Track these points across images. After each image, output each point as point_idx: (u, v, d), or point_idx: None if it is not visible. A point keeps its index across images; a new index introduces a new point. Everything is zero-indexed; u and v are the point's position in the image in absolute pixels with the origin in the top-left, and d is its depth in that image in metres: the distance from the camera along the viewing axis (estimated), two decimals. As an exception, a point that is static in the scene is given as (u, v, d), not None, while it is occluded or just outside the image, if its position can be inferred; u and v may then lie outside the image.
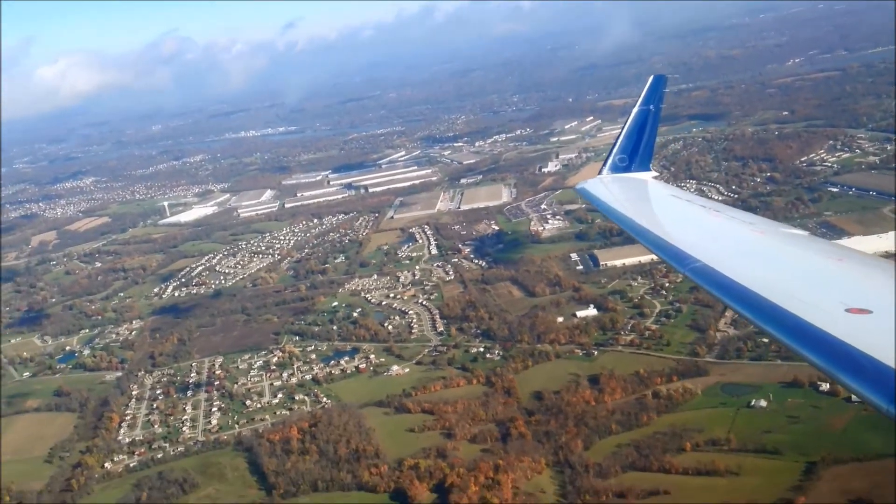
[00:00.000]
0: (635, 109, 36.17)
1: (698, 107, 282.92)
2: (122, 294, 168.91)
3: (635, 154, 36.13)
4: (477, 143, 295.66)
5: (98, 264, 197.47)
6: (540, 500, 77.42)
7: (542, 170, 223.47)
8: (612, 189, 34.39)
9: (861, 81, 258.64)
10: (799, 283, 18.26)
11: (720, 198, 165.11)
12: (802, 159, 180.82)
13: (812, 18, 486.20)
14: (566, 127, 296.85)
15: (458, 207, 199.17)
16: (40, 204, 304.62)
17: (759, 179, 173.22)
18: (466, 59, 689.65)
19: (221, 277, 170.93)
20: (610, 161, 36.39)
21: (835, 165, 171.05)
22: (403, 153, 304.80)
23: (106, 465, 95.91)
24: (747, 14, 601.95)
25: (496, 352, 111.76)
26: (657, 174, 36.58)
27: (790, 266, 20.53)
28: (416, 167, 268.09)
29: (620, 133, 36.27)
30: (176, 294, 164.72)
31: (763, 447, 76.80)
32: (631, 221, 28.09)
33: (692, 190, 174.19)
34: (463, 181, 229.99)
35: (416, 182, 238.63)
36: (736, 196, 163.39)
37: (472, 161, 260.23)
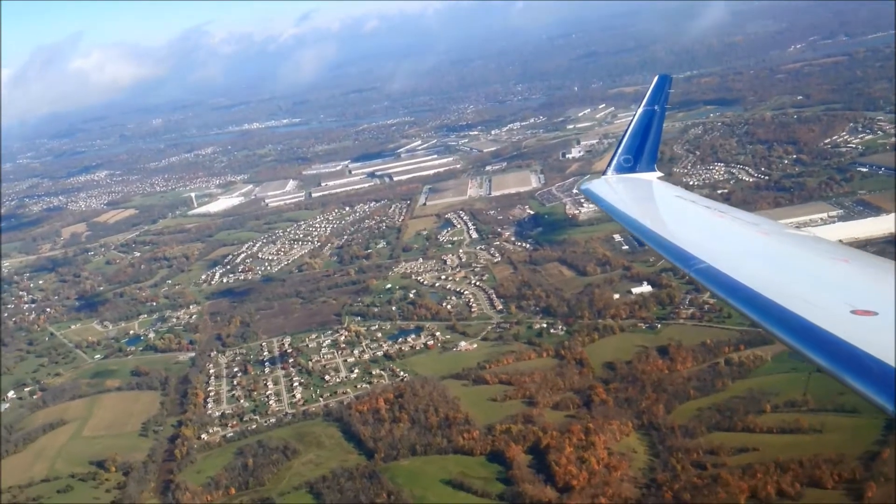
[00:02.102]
0: (640, 109, 35.86)
1: (711, 92, 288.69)
2: (169, 281, 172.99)
3: (640, 154, 35.89)
4: (493, 132, 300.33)
5: (137, 254, 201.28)
6: (632, 459, 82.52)
7: (566, 156, 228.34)
8: (617, 189, 34.40)
9: (870, 66, 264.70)
10: (804, 285, 18.30)
11: (751, 179, 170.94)
12: (826, 142, 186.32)
13: (809, 5, 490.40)
14: (580, 115, 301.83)
15: (489, 194, 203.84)
16: (60, 197, 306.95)
17: (786, 161, 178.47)
18: (463, 49, 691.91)
19: (266, 264, 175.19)
20: (615, 161, 36.19)
21: (859, 147, 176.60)
22: (420, 142, 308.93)
23: (202, 436, 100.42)
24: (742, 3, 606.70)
25: (559, 327, 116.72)
26: (661, 174, 36.46)
27: (795, 267, 20.55)
28: (436, 156, 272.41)
29: (625, 133, 36.10)
30: (224, 280, 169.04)
31: (841, 407, 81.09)
32: (636, 222, 28.05)
33: (722, 173, 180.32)
34: (488, 168, 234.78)
35: (441, 170, 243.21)
36: (767, 178, 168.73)
37: (491, 149, 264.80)
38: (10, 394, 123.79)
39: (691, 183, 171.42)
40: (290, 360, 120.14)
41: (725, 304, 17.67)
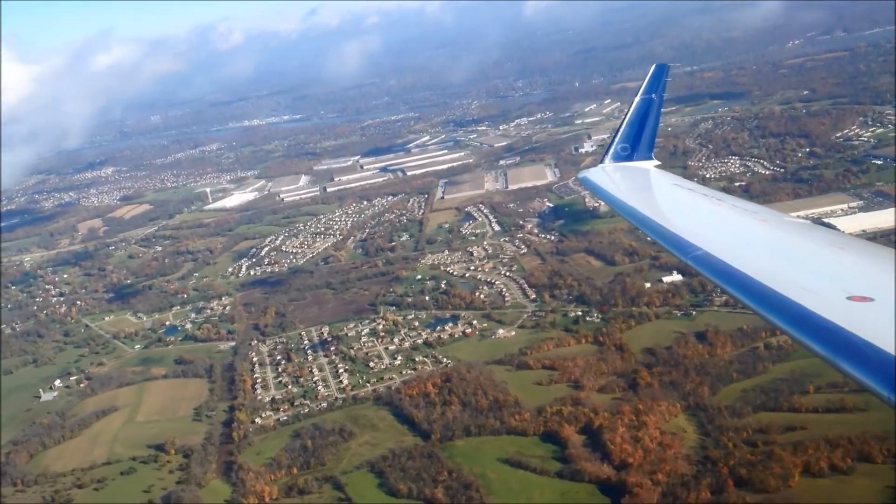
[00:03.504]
0: (637, 98, 35.82)
1: (716, 87, 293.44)
2: (196, 274, 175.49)
3: (638, 142, 35.90)
4: (501, 127, 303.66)
5: (158, 248, 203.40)
6: (683, 438, 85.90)
7: (579, 150, 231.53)
8: (614, 177, 34.32)
9: (872, 61, 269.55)
10: (801, 272, 18.30)
11: (767, 172, 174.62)
12: (838, 135, 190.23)
13: (803, 4, 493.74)
14: (586, 110, 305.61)
15: (506, 187, 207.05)
16: (70, 193, 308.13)
17: (800, 154, 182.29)
18: (458, 45, 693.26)
19: (291, 257, 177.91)
20: (612, 150, 36.18)
21: (871, 140, 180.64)
22: (428, 138, 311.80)
23: (256, 420, 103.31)
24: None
25: (594, 315, 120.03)
26: (659, 163, 36.47)
27: (792, 254, 20.46)
28: (446, 151, 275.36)
29: (623, 121, 36.29)
30: (251, 273, 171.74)
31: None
32: (633, 210, 27.85)
33: (738, 166, 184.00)
34: (502, 163, 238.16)
35: (454, 165, 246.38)
36: (783, 170, 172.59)
37: (502, 144, 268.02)
38: (57, 382, 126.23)
39: (708, 176, 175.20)
40: (332, 348, 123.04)
41: (722, 292, 18.33)
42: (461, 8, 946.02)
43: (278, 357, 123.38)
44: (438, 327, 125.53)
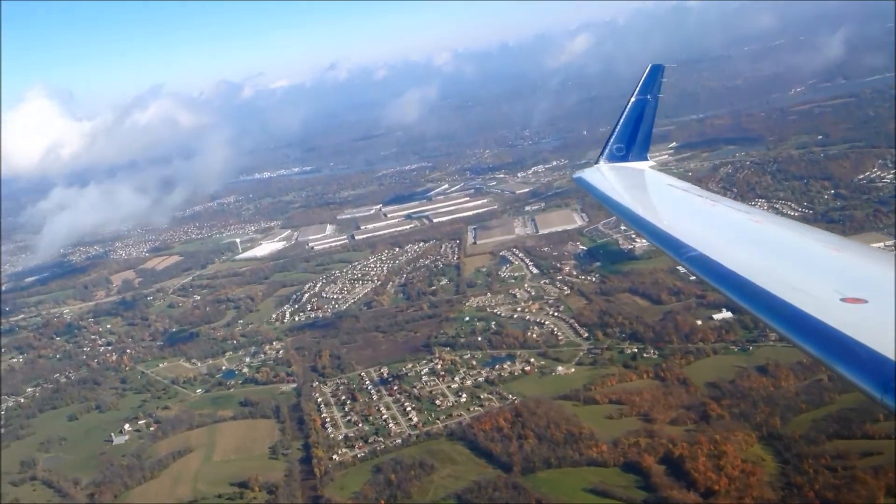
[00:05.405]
0: (632, 99, 36.58)
1: (728, 132, 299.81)
2: (241, 321, 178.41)
3: (632, 143, 36.43)
4: (519, 174, 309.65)
5: (197, 297, 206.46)
6: (763, 466, 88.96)
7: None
8: (609, 178, 34.51)
9: (880, 106, 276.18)
10: (795, 273, 18.30)
11: (796, 214, 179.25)
12: (860, 177, 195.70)
13: (795, 49, 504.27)
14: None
15: (537, 232, 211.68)
16: (96, 246, 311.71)
17: (826, 196, 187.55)
18: (459, 96, 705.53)
19: (332, 302, 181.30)
20: (607, 150, 36.66)
21: (895, 181, 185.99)
22: (447, 185, 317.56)
23: (334, 457, 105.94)
24: (730, 47, 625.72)
25: (651, 351, 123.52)
26: (654, 163, 37.14)
27: (786, 255, 20.46)
28: (468, 197, 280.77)
29: (618, 122, 36.93)
30: (296, 318, 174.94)
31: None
32: (628, 210, 28.17)
33: (766, 208, 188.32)
34: (528, 208, 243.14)
35: (480, 211, 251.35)
36: (811, 211, 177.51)
37: (524, 190, 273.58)
38: (127, 426, 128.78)
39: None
40: (395, 387, 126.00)
41: (717, 292, 18.32)
42: (461, 60, 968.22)
43: (343, 397, 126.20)
44: (497, 365, 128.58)
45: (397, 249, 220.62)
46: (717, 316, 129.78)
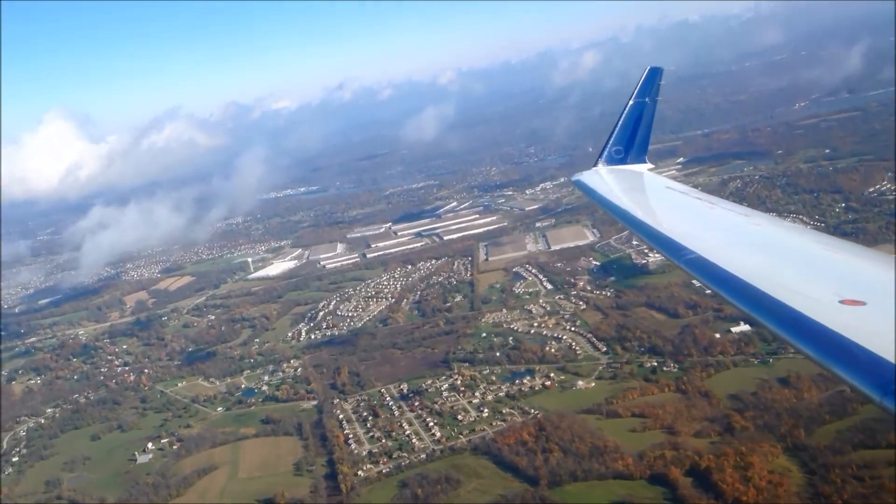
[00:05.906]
0: (631, 101, 36.49)
1: (735, 147, 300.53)
2: (258, 340, 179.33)
3: (631, 145, 36.66)
4: (528, 191, 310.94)
5: (211, 317, 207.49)
6: (789, 476, 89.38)
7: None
8: (607, 180, 34.72)
9: (886, 119, 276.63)
10: (793, 275, 18.22)
11: (809, 227, 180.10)
12: (870, 190, 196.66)
13: (797, 64, 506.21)
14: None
15: (549, 248, 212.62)
16: (107, 269, 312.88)
17: (837, 209, 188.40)
18: (463, 114, 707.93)
19: (348, 320, 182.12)
20: (605, 152, 36.98)
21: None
22: (456, 203, 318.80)
23: (359, 472, 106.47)
24: (733, 62, 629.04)
25: (671, 365, 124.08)
26: (652, 166, 37.25)
27: (785, 257, 20.39)
28: (478, 215, 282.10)
29: (616, 125, 36.93)
30: (312, 336, 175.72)
31: None
32: (626, 213, 28.21)
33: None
34: (538, 225, 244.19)
35: (490, 228, 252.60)
36: (824, 224, 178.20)
37: (533, 207, 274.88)
38: (150, 445, 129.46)
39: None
40: (416, 403, 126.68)
41: (715, 294, 18.21)
42: (465, 79, 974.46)
43: (364, 413, 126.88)
44: (517, 380, 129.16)
45: (409, 267, 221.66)
46: (735, 329, 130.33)
